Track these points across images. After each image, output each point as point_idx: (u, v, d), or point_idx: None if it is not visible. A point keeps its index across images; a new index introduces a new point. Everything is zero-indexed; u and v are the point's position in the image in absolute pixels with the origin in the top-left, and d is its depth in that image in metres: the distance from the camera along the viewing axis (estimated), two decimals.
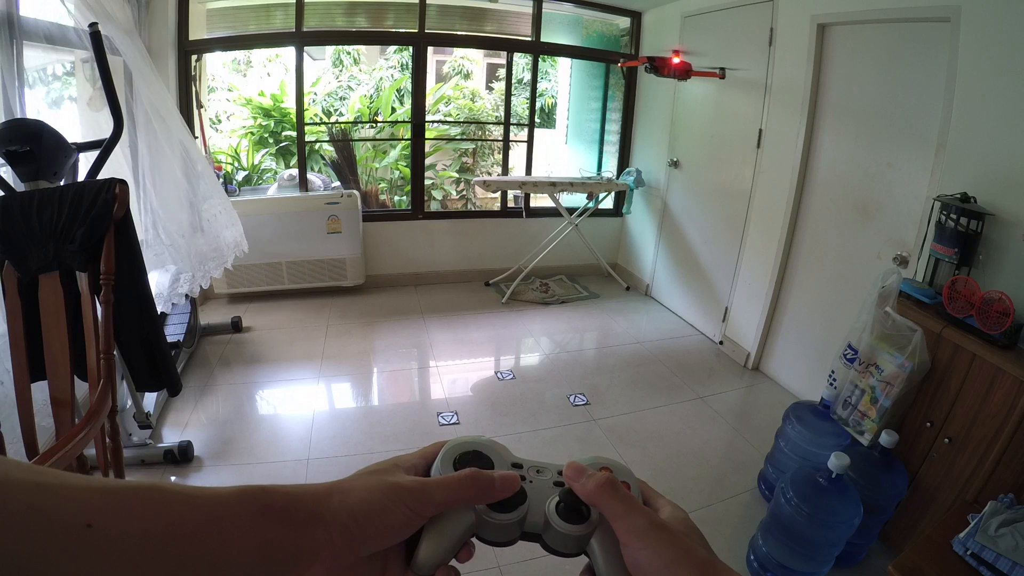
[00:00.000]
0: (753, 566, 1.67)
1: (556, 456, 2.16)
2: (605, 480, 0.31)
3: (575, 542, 0.31)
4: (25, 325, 1.29)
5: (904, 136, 2.15)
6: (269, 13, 3.53)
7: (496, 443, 0.35)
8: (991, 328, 1.49)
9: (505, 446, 0.35)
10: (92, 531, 0.22)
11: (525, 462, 0.35)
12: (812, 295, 2.66)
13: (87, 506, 0.22)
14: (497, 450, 0.34)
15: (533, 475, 0.34)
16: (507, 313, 3.59)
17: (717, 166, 3.27)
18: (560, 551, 0.32)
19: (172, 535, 0.24)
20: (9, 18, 1.81)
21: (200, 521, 0.25)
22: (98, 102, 2.04)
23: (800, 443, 1.86)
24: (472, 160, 6.00)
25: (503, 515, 0.31)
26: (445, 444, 0.34)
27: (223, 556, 0.25)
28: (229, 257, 2.63)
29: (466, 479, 0.31)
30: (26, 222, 1.29)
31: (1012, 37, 1.71)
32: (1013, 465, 1.40)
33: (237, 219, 2.72)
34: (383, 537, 0.29)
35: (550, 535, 0.32)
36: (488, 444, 0.34)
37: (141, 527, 0.23)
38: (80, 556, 0.21)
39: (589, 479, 0.31)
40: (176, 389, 1.69)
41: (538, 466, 0.34)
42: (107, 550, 0.22)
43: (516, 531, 0.32)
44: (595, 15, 4.06)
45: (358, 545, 0.28)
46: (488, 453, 0.34)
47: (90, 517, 0.22)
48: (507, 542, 0.32)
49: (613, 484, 0.31)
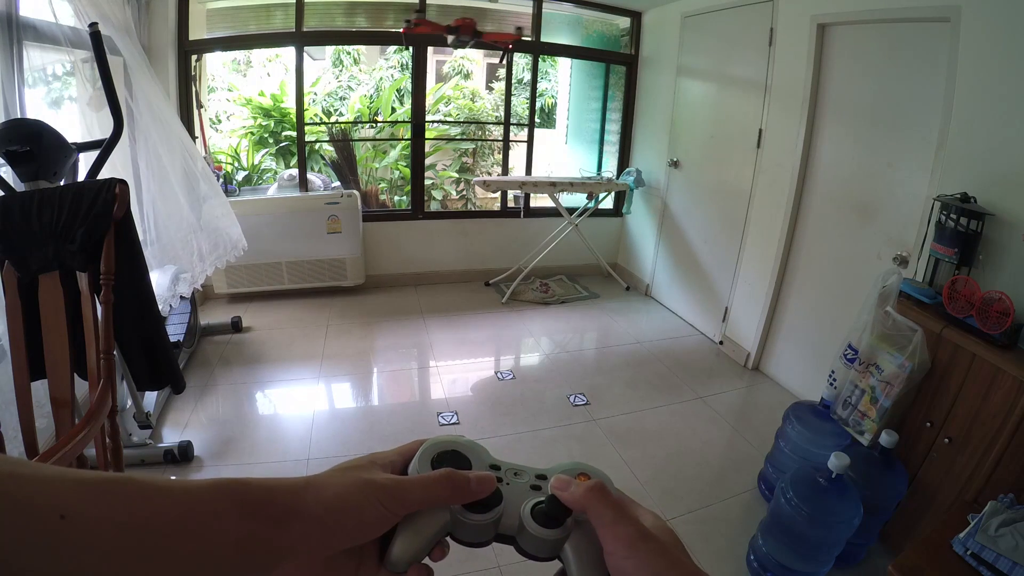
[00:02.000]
0: (753, 566, 1.67)
1: (556, 456, 2.17)
2: (595, 485, 0.31)
3: (549, 546, 0.31)
4: (25, 325, 1.29)
5: (904, 136, 2.14)
6: (269, 13, 3.53)
7: (475, 444, 0.35)
8: (991, 328, 1.49)
9: (484, 447, 0.35)
10: (66, 522, 0.21)
11: (503, 464, 0.35)
12: (812, 295, 2.66)
13: (60, 497, 0.22)
14: (476, 451, 0.34)
15: (510, 477, 0.34)
16: (507, 313, 3.59)
17: (717, 166, 3.27)
18: (533, 555, 0.32)
19: (148, 528, 0.23)
20: (9, 18, 1.81)
21: (176, 514, 0.24)
22: (98, 102, 2.04)
23: (800, 443, 1.86)
24: (472, 160, 6.00)
25: (478, 516, 0.31)
26: (424, 443, 0.34)
27: (199, 549, 0.25)
28: (228, 255, 2.63)
29: (442, 479, 0.31)
30: (26, 222, 1.29)
31: (1012, 37, 1.71)
32: (1013, 465, 1.40)
33: (234, 219, 2.72)
34: (358, 533, 0.29)
35: (524, 538, 0.32)
36: (467, 444, 0.34)
37: (116, 519, 0.23)
38: (55, 547, 0.21)
39: (578, 487, 0.31)
40: (180, 387, 1.69)
41: (516, 468, 0.34)
42: (82, 542, 0.22)
43: (491, 532, 0.32)
44: (595, 15, 4.06)
45: (333, 540, 0.28)
46: (466, 453, 0.34)
47: (64, 508, 0.21)
48: (481, 543, 0.32)
49: (603, 490, 0.31)
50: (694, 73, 3.44)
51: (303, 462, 2.06)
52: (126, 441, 2.01)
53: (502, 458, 0.35)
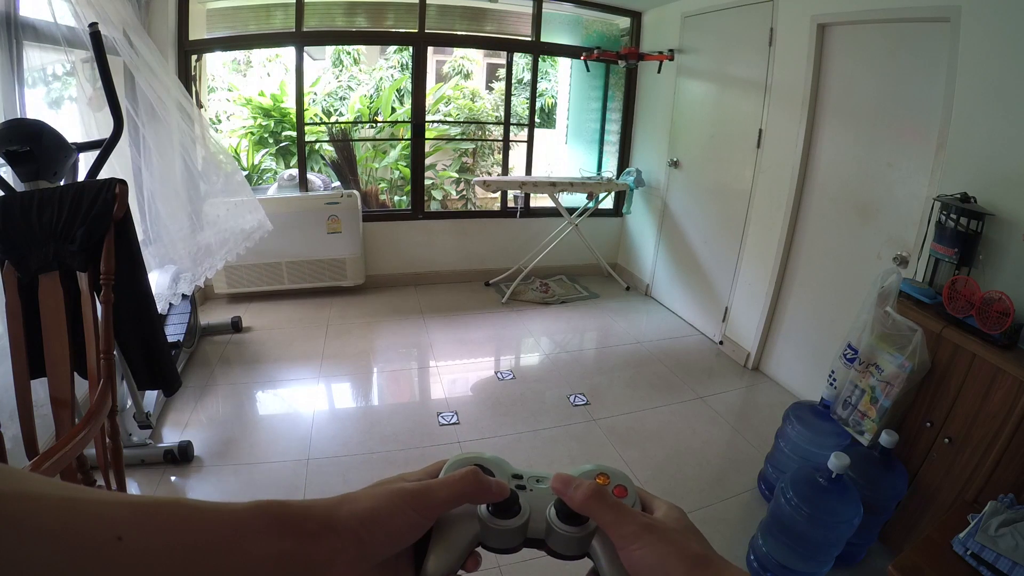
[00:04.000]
0: (753, 566, 1.67)
1: (556, 456, 2.17)
2: (592, 489, 0.32)
3: (577, 544, 0.33)
4: (25, 325, 1.29)
5: (904, 136, 2.14)
6: (269, 13, 3.53)
7: (498, 457, 0.37)
8: (991, 328, 1.49)
9: (506, 460, 0.37)
10: (122, 544, 0.23)
11: (525, 472, 0.36)
12: (812, 295, 2.66)
13: (117, 520, 0.23)
14: (498, 464, 0.36)
15: (533, 484, 0.35)
16: (507, 313, 3.59)
17: (717, 166, 3.27)
18: (564, 554, 0.33)
19: (196, 548, 0.25)
20: (9, 18, 1.81)
21: (222, 535, 0.26)
22: (98, 102, 2.04)
23: (800, 443, 1.86)
24: (472, 160, 6.00)
25: (506, 521, 0.33)
26: (448, 460, 0.36)
27: (243, 568, 0.26)
28: (240, 248, 2.63)
29: (468, 475, 0.32)
30: (26, 222, 1.29)
31: (1012, 37, 1.71)
32: (1013, 465, 1.40)
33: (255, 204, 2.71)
34: (392, 542, 0.30)
35: (553, 539, 0.33)
36: (489, 458, 0.36)
37: (167, 541, 0.24)
38: (111, 569, 0.22)
39: (577, 490, 0.32)
40: (174, 387, 1.69)
41: (538, 476, 0.36)
42: (135, 563, 0.23)
43: (520, 537, 0.33)
44: (595, 15, 4.06)
45: (369, 552, 0.29)
46: (488, 466, 0.36)
47: (121, 530, 0.23)
48: (512, 548, 0.33)
49: (600, 492, 0.32)
50: (694, 73, 3.44)
51: (303, 462, 2.06)
52: (126, 441, 2.01)
53: (506, 460, 0.37)
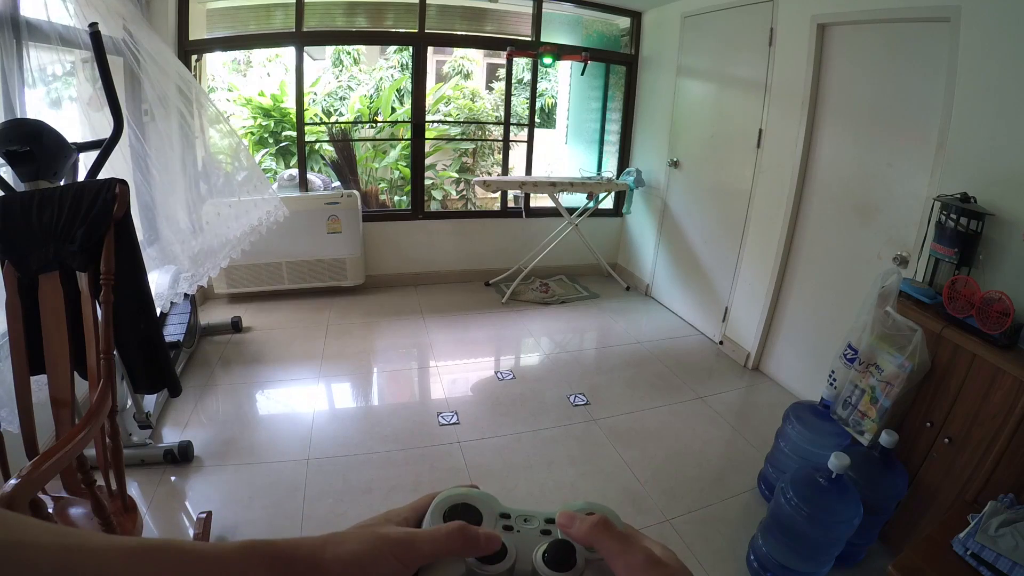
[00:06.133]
0: (753, 566, 1.67)
1: (556, 456, 2.17)
2: (599, 520, 0.32)
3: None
4: (25, 325, 1.29)
5: (904, 136, 2.14)
6: (269, 13, 3.53)
7: (487, 494, 0.36)
8: (991, 328, 1.49)
9: (494, 496, 0.36)
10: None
11: (513, 511, 0.36)
12: (812, 295, 2.66)
13: (110, 566, 0.24)
14: (486, 501, 0.36)
15: (520, 524, 0.35)
16: (507, 313, 3.59)
17: (717, 166, 3.27)
18: None
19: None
20: (10, 18, 1.81)
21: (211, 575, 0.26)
22: (98, 102, 2.04)
23: (800, 443, 1.86)
24: (472, 160, 6.00)
25: (492, 567, 0.32)
26: (435, 497, 0.36)
27: None
28: (244, 243, 2.61)
29: (455, 531, 0.32)
30: (26, 222, 1.29)
31: (1012, 37, 1.71)
32: (1013, 465, 1.40)
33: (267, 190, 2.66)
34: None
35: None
36: (478, 496, 0.36)
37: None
38: None
39: (583, 522, 0.32)
40: (176, 391, 1.69)
41: (525, 515, 0.36)
42: None
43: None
44: (595, 15, 4.06)
45: None
46: (477, 505, 0.35)
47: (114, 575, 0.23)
48: None
49: (607, 523, 0.32)
50: (694, 73, 3.44)
51: (303, 462, 2.06)
52: (126, 441, 2.01)
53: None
